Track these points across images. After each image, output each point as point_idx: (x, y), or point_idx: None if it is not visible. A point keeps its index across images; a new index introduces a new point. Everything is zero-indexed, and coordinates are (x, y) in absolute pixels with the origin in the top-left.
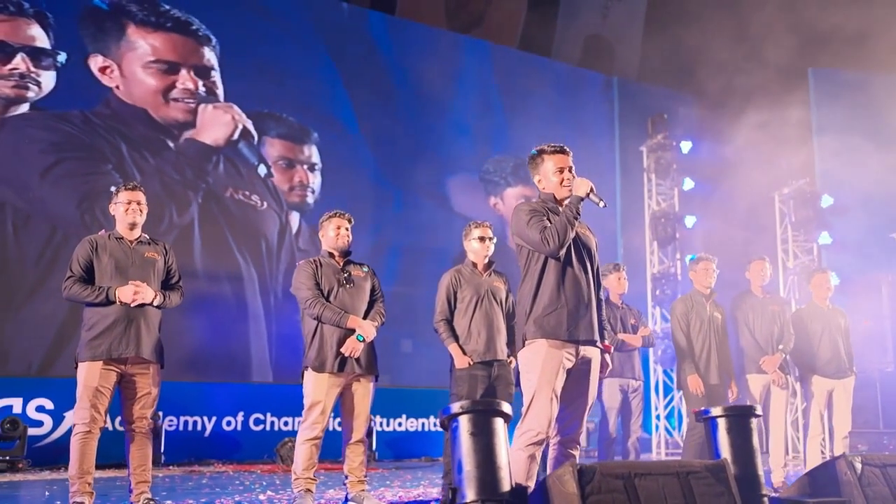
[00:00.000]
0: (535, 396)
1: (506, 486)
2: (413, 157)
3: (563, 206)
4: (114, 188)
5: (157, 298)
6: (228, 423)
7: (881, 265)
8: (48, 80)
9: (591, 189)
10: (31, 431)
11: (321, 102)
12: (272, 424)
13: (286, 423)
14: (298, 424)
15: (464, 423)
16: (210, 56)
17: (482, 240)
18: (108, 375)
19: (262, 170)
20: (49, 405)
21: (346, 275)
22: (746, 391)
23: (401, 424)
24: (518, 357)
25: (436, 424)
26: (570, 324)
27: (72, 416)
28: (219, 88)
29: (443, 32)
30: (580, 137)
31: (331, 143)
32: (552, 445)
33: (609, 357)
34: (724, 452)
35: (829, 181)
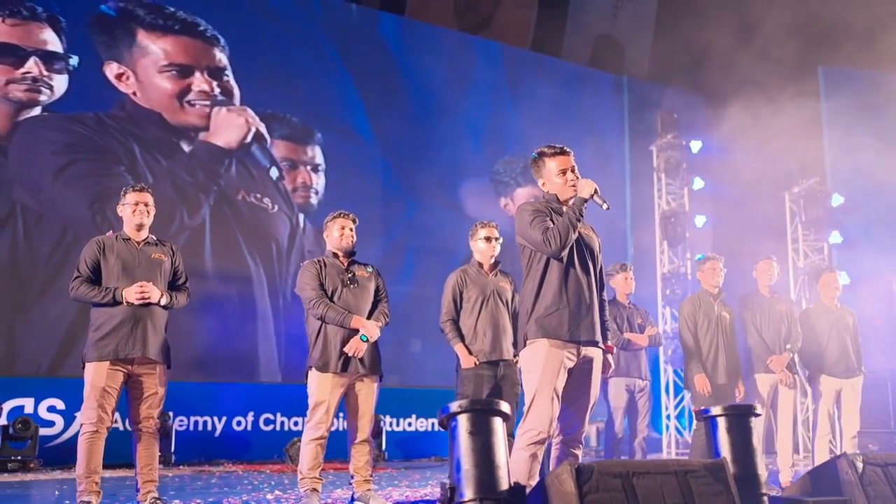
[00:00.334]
0: (537, 396)
1: (504, 485)
2: (423, 158)
3: (567, 208)
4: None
5: (164, 299)
6: (238, 423)
7: (892, 264)
8: (60, 84)
9: (596, 190)
10: (43, 431)
11: (330, 104)
12: (282, 424)
13: (296, 423)
14: None
15: (462, 423)
16: (221, 56)
17: (488, 240)
18: (115, 375)
19: (274, 172)
20: (60, 405)
21: (351, 275)
22: (755, 391)
23: (410, 424)
24: (519, 356)
25: None
26: (572, 324)
27: None
28: (234, 89)
29: (453, 33)
30: (590, 137)
31: (340, 144)
32: (555, 445)
33: (611, 357)
34: (724, 452)
35: (840, 180)
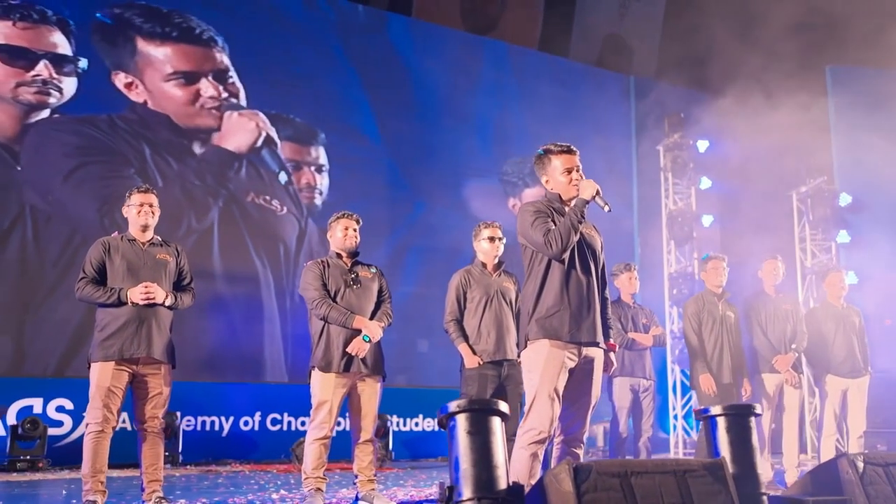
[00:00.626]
0: (537, 396)
1: (502, 485)
2: (429, 158)
3: (568, 210)
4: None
5: (168, 299)
6: (246, 423)
7: None
8: (69, 87)
9: (598, 192)
10: (51, 431)
11: (336, 104)
12: (289, 424)
13: (302, 423)
14: None
15: (461, 422)
16: (222, 58)
17: (492, 240)
18: (121, 375)
19: (283, 177)
20: (69, 405)
21: (354, 275)
22: (761, 390)
23: (417, 424)
24: (521, 357)
25: None
26: (573, 325)
27: None
28: (240, 91)
29: (459, 33)
30: (597, 137)
31: (346, 145)
32: (556, 445)
33: (613, 356)
34: (724, 451)
35: (848, 179)
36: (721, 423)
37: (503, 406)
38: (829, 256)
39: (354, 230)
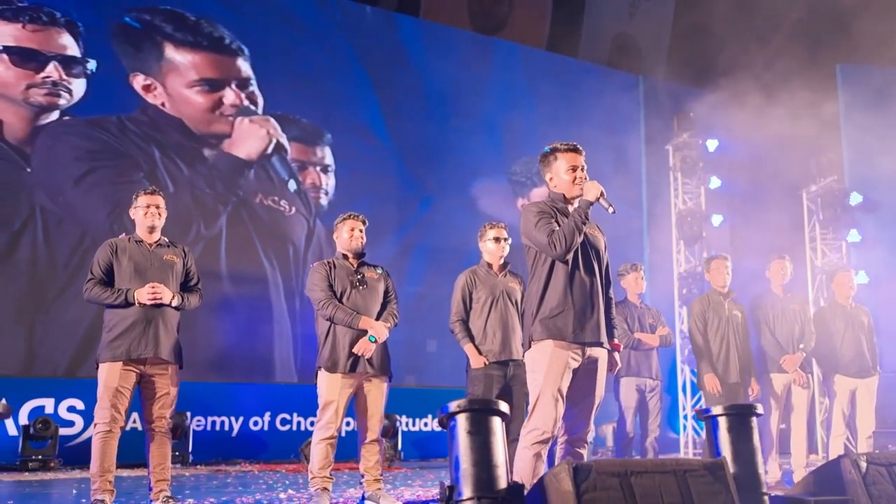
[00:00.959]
0: (541, 396)
1: (502, 484)
2: (438, 158)
3: (572, 211)
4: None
5: (175, 300)
6: (255, 424)
7: None
8: (79, 88)
9: (602, 193)
10: (63, 431)
11: (344, 105)
12: (298, 424)
13: (312, 423)
14: None
15: (461, 422)
16: (245, 67)
17: (497, 240)
18: (128, 376)
19: (293, 185)
20: (80, 405)
21: (360, 276)
22: (769, 390)
23: (426, 424)
24: (525, 357)
25: None
26: (577, 325)
27: None
28: (258, 98)
29: (468, 34)
30: (606, 136)
31: (354, 145)
32: (560, 445)
33: (618, 355)
34: (725, 451)
35: (858, 178)
36: (722, 423)
37: (503, 406)
38: (840, 256)
39: (360, 231)
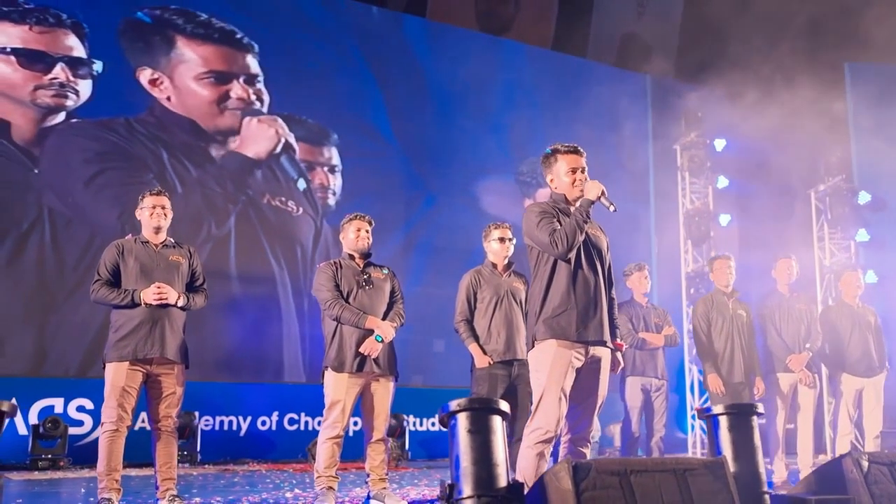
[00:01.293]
0: (544, 395)
1: (502, 483)
2: (445, 159)
3: (573, 210)
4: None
5: (181, 300)
6: (263, 423)
7: None
8: (85, 89)
9: (603, 192)
10: (72, 431)
11: (351, 105)
12: (306, 424)
13: (319, 423)
14: None
15: (462, 421)
16: (254, 64)
17: (501, 240)
18: (135, 375)
19: (302, 184)
20: (89, 405)
21: (366, 276)
22: (776, 390)
23: (434, 424)
24: (528, 357)
25: None
26: (580, 325)
27: None
28: (264, 95)
29: (475, 34)
30: (614, 136)
31: (361, 146)
32: (563, 444)
33: (620, 355)
34: (725, 450)
35: (867, 177)
36: (723, 422)
37: (503, 405)
38: (848, 255)
39: (367, 231)
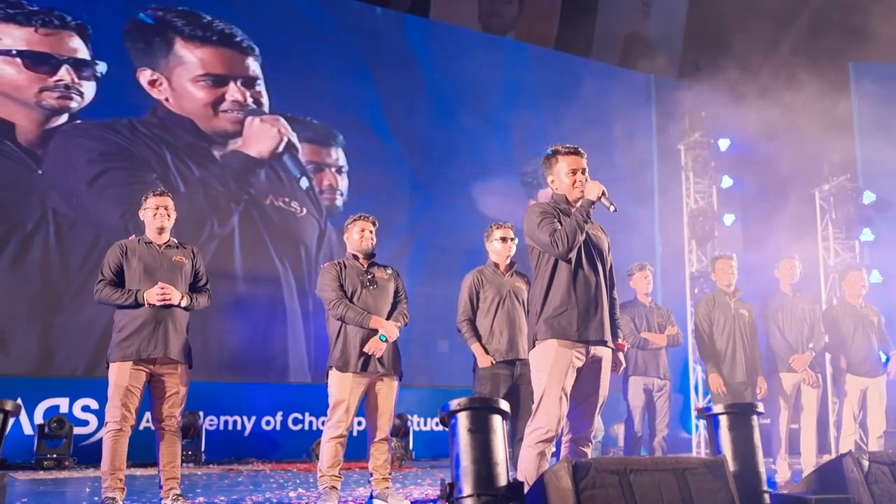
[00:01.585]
0: (545, 395)
1: (502, 481)
2: (448, 159)
3: (574, 210)
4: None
5: (184, 300)
6: (268, 423)
7: None
8: (89, 91)
9: (603, 192)
10: (77, 430)
11: (354, 106)
12: (310, 424)
13: (323, 423)
14: None
15: (462, 420)
16: (254, 66)
17: (504, 240)
18: (138, 375)
19: (305, 182)
20: (94, 405)
21: (370, 276)
22: (779, 390)
23: (438, 424)
24: (529, 356)
25: None
26: (581, 324)
27: None
28: (264, 98)
29: (478, 34)
30: (618, 136)
31: (365, 146)
32: (564, 443)
33: (622, 355)
34: (725, 449)
35: (871, 177)
36: (723, 422)
37: (503, 404)
38: (853, 255)
39: (371, 232)
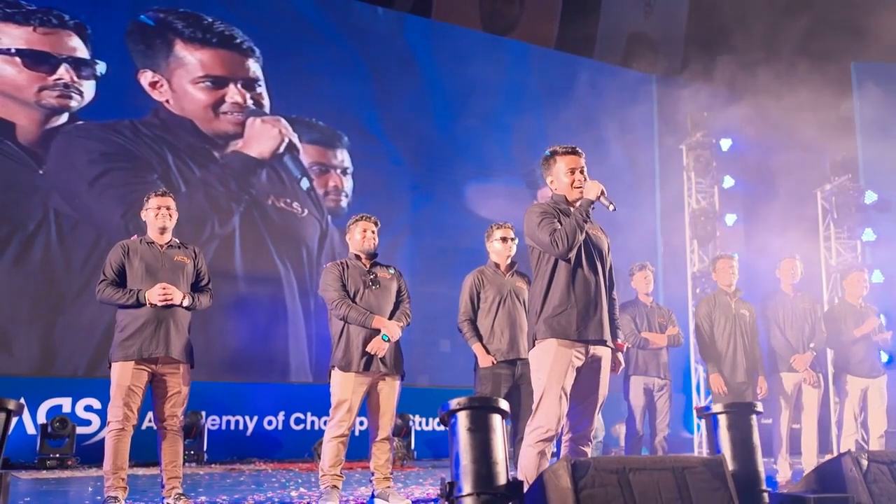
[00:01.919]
0: (545, 394)
1: (502, 480)
2: (450, 159)
3: (573, 210)
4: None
5: (186, 300)
6: (270, 423)
7: None
8: (88, 90)
9: (602, 192)
10: (80, 430)
11: (356, 107)
12: (312, 424)
13: (325, 423)
14: None
15: (462, 420)
16: (255, 68)
17: (504, 240)
18: (140, 375)
19: (305, 183)
20: (97, 405)
21: (373, 276)
22: (780, 389)
23: (439, 424)
24: (529, 356)
25: None
26: (580, 324)
27: None
28: (265, 99)
29: (480, 34)
30: (619, 136)
31: (367, 147)
32: (564, 443)
33: (621, 355)
34: (724, 449)
35: (873, 177)
36: (722, 421)
37: (503, 403)
38: (855, 255)
39: (373, 232)
